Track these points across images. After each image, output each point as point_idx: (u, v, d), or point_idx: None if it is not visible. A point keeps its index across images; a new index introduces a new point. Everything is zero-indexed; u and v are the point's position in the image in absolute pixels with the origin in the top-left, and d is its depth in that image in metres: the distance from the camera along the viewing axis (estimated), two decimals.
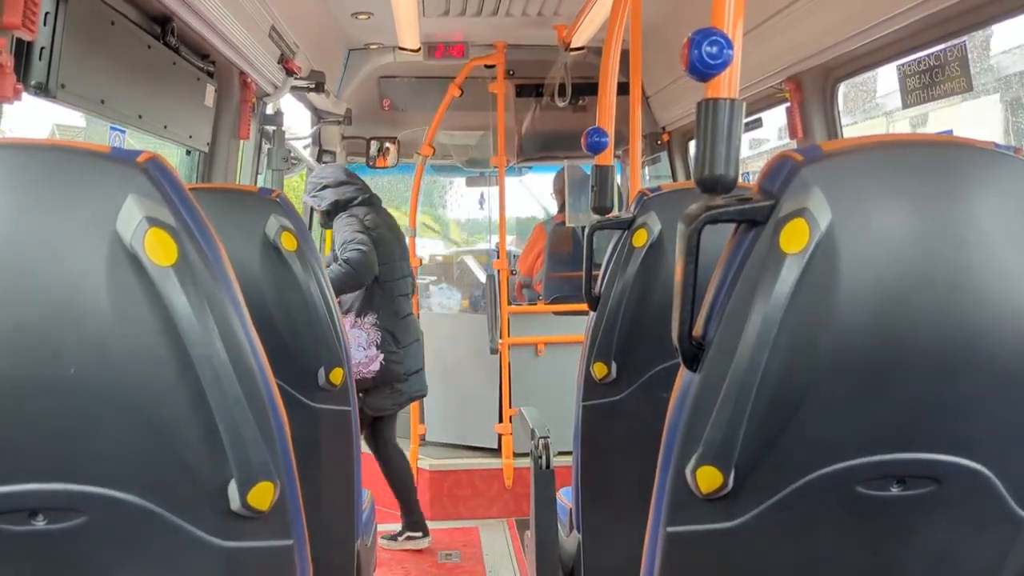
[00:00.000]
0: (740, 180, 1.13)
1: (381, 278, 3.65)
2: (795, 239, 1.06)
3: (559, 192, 5.21)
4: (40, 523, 1.08)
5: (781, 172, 1.10)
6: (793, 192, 1.08)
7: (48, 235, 1.04)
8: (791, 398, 1.09)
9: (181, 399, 1.06)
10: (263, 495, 1.10)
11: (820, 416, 1.11)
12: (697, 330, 1.13)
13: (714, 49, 1.05)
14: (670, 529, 1.15)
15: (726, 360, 1.08)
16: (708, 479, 1.10)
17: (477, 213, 7.60)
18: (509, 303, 4.19)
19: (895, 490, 1.15)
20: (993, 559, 1.22)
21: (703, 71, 1.06)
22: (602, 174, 2.35)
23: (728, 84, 1.08)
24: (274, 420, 1.13)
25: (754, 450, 1.10)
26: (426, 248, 7.88)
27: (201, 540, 1.12)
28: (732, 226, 1.14)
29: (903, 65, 2.49)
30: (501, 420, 4.17)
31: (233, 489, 1.10)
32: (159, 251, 1.04)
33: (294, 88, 3.61)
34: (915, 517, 1.18)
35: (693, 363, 1.12)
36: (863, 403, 1.11)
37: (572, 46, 4.08)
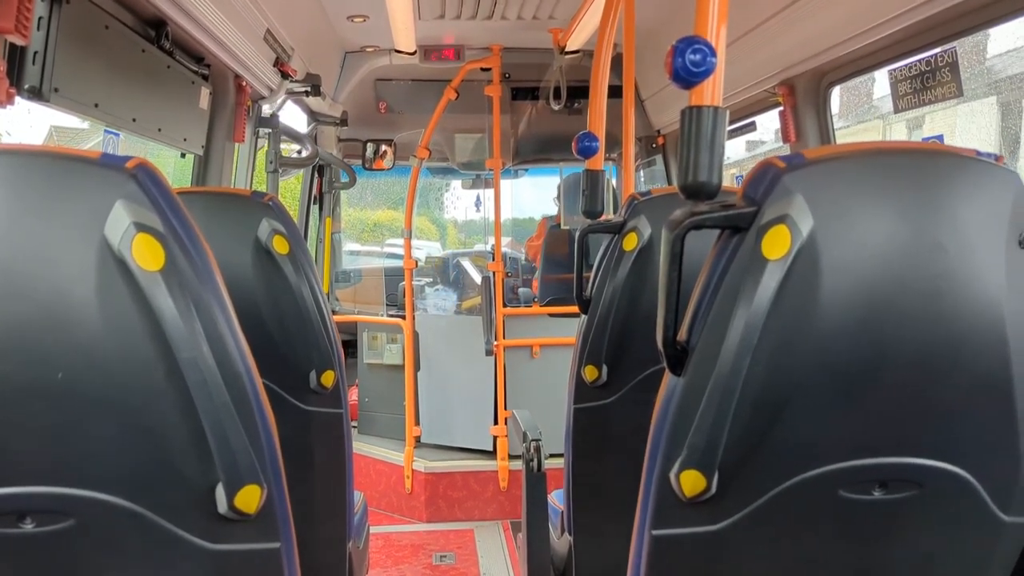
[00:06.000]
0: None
1: None
2: (777, 245, 1.07)
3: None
4: (28, 526, 1.08)
5: (764, 179, 1.11)
6: (775, 199, 1.09)
7: (37, 240, 1.05)
8: (773, 402, 1.10)
9: (168, 403, 1.07)
10: (250, 498, 1.11)
11: (802, 420, 1.11)
12: (681, 335, 1.13)
13: (697, 57, 1.06)
14: (655, 532, 1.16)
15: (709, 365, 1.09)
16: (692, 483, 1.11)
17: (474, 215, 7.61)
18: (505, 303, 4.20)
19: (877, 494, 1.16)
20: (975, 562, 1.23)
21: (687, 79, 1.07)
22: (592, 178, 2.36)
23: (712, 92, 1.09)
24: (261, 423, 1.14)
25: (737, 454, 1.11)
26: (422, 250, 7.89)
27: (189, 543, 1.13)
28: (718, 232, 1.15)
29: (895, 70, 2.50)
30: (496, 422, 4.17)
31: (220, 492, 1.10)
32: (147, 256, 1.05)
33: (290, 91, 3.62)
34: (898, 520, 1.19)
35: (677, 368, 1.13)
36: (845, 407, 1.12)
37: (567, 49, 4.09)
